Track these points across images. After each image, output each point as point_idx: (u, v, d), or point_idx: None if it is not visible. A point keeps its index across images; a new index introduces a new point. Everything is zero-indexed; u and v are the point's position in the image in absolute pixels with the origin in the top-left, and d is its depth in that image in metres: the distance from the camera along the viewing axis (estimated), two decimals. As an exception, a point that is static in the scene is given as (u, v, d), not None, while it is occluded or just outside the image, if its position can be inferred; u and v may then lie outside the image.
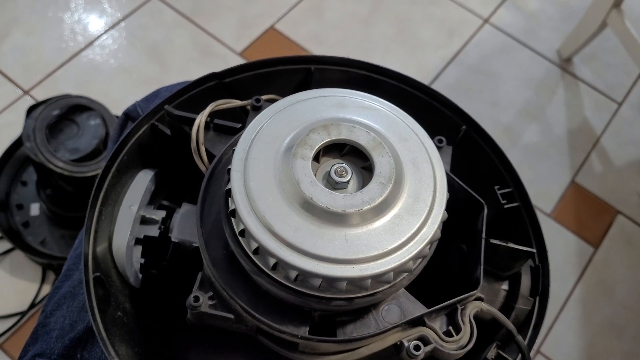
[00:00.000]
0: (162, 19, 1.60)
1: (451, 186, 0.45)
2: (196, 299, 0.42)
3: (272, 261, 0.39)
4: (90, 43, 1.55)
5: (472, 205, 0.48)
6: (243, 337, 0.45)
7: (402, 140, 0.43)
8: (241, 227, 0.39)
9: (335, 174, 0.40)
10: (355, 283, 0.39)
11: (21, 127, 1.15)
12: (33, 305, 1.24)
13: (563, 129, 1.54)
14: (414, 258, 0.39)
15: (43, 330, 0.56)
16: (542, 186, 1.46)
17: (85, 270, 0.45)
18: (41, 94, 1.45)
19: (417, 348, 0.41)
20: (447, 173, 0.46)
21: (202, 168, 0.48)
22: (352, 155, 0.42)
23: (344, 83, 0.56)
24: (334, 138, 0.41)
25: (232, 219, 0.41)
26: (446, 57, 1.62)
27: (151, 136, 0.52)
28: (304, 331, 0.42)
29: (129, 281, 0.49)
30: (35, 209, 1.30)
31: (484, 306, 0.44)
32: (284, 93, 0.50)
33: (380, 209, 0.39)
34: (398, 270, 0.39)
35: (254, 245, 0.39)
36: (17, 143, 1.31)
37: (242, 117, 0.52)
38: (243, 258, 0.41)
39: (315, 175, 0.40)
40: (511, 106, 1.56)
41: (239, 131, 0.50)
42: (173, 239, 0.48)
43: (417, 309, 0.43)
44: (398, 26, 1.66)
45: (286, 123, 0.42)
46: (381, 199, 0.39)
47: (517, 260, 0.48)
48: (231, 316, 0.42)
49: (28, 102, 1.42)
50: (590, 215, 1.43)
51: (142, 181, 0.50)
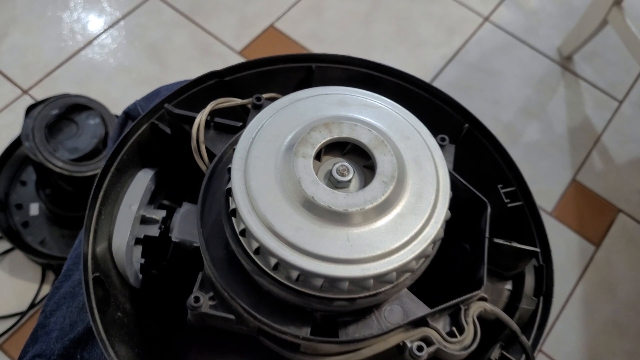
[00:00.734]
0: (162, 18, 1.59)
1: (454, 185, 0.44)
2: (197, 300, 0.41)
3: (273, 261, 0.38)
4: (89, 42, 1.55)
5: (476, 204, 0.47)
6: (244, 338, 0.44)
7: (405, 138, 0.42)
8: (242, 227, 0.39)
9: (337, 173, 0.40)
10: (357, 283, 0.38)
11: (20, 127, 1.14)
12: (33, 305, 1.24)
13: (564, 127, 1.53)
14: (417, 258, 0.39)
15: (43, 330, 0.55)
16: (543, 184, 1.45)
17: (84, 270, 0.44)
18: (40, 94, 1.45)
19: (420, 349, 0.41)
20: (450, 172, 0.46)
21: (203, 167, 0.48)
22: (354, 153, 0.42)
23: (345, 81, 0.56)
24: (336, 136, 0.41)
25: (233, 219, 0.41)
26: (446, 55, 1.61)
27: (151, 135, 0.51)
28: (306, 332, 0.41)
29: (129, 281, 0.49)
30: (34, 209, 1.30)
31: (488, 306, 0.44)
32: (285, 91, 0.49)
33: (382, 208, 0.39)
34: (401, 270, 0.38)
35: (255, 245, 0.38)
36: (16, 143, 1.30)
37: (243, 116, 0.51)
38: (244, 258, 0.40)
39: (316, 174, 0.39)
40: (512, 104, 1.55)
41: (240, 130, 0.49)
42: (173, 239, 0.47)
43: (420, 310, 0.43)
44: (398, 24, 1.66)
45: (287, 121, 0.42)
46: (383, 198, 0.38)
47: (521, 259, 0.47)
48: (232, 317, 0.41)
49: (27, 102, 1.42)
50: (591, 213, 1.43)
51: (142, 180, 0.50)
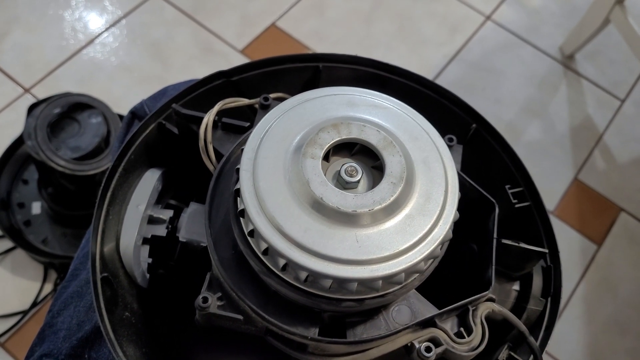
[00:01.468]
0: (163, 17, 1.59)
1: (462, 185, 0.44)
2: (205, 300, 0.41)
3: (282, 262, 0.38)
4: (91, 41, 1.54)
5: (483, 204, 0.47)
6: (250, 338, 0.44)
7: (413, 139, 0.42)
8: (250, 228, 0.39)
9: (345, 174, 0.40)
10: (366, 284, 0.38)
11: (22, 126, 1.14)
12: (35, 304, 1.24)
13: (566, 126, 1.53)
14: (426, 259, 0.39)
15: (50, 330, 0.55)
16: (545, 184, 1.45)
17: (92, 270, 0.44)
18: (42, 92, 1.44)
19: (429, 349, 0.41)
20: (458, 172, 0.46)
21: (210, 167, 0.48)
22: (362, 154, 0.41)
23: (352, 81, 0.55)
24: (344, 137, 0.40)
25: (241, 219, 0.41)
26: (448, 54, 1.61)
27: (158, 135, 0.51)
28: (314, 332, 0.41)
29: (137, 281, 0.49)
30: (36, 208, 1.30)
31: (496, 307, 0.44)
32: (292, 91, 0.49)
33: (391, 209, 0.38)
34: (409, 271, 0.38)
35: (264, 245, 0.38)
36: (18, 141, 1.30)
37: (250, 116, 0.51)
38: (252, 258, 0.40)
39: (325, 174, 0.39)
40: (513, 103, 1.55)
41: (247, 130, 0.49)
42: (181, 239, 0.47)
43: (428, 310, 0.43)
44: (400, 23, 1.65)
45: (295, 122, 0.42)
46: (392, 199, 0.38)
47: (529, 260, 0.47)
48: (240, 317, 0.41)
49: (29, 101, 1.42)
50: (593, 212, 1.43)
51: (150, 180, 0.50)
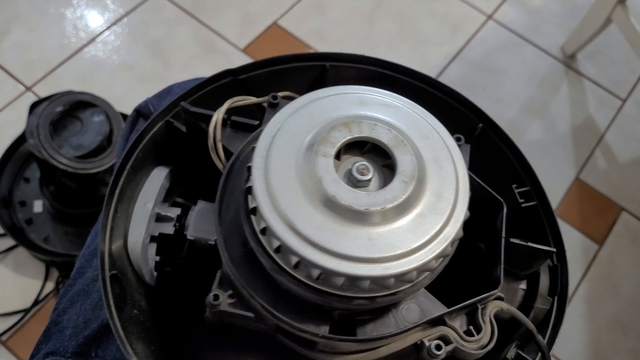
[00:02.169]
0: (165, 15, 1.59)
1: (470, 185, 0.45)
2: (216, 298, 0.41)
3: (294, 260, 0.38)
4: (92, 39, 1.54)
5: (491, 204, 0.47)
6: (259, 336, 0.44)
7: (424, 138, 0.42)
8: (262, 225, 0.39)
9: (357, 172, 0.40)
10: (378, 282, 0.38)
11: (23, 124, 1.14)
12: (36, 302, 1.24)
13: (567, 126, 1.53)
14: (437, 257, 0.39)
15: (56, 328, 0.55)
16: (546, 183, 1.43)
17: (101, 268, 0.44)
18: (43, 91, 1.44)
19: (439, 347, 0.41)
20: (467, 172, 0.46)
21: (219, 165, 0.48)
22: (373, 153, 0.42)
23: (359, 80, 0.55)
24: (356, 136, 0.41)
25: (252, 217, 0.40)
26: (449, 54, 1.61)
27: (166, 133, 0.51)
28: (325, 330, 0.41)
29: (145, 279, 0.49)
30: (38, 206, 1.30)
31: (505, 305, 0.44)
32: (299, 90, 0.49)
33: (403, 208, 0.39)
34: (421, 269, 0.39)
35: (276, 243, 0.38)
36: (20, 140, 1.30)
37: (257, 115, 0.51)
38: (263, 256, 0.40)
39: (336, 173, 0.39)
40: (515, 103, 1.55)
41: (257, 128, 0.49)
42: (189, 237, 0.47)
43: (438, 309, 0.43)
44: (401, 22, 1.66)
45: (307, 120, 0.42)
46: (404, 198, 0.38)
47: (537, 259, 0.47)
48: (251, 315, 0.41)
49: (30, 99, 1.41)
50: (594, 212, 1.43)
51: (157, 178, 0.50)
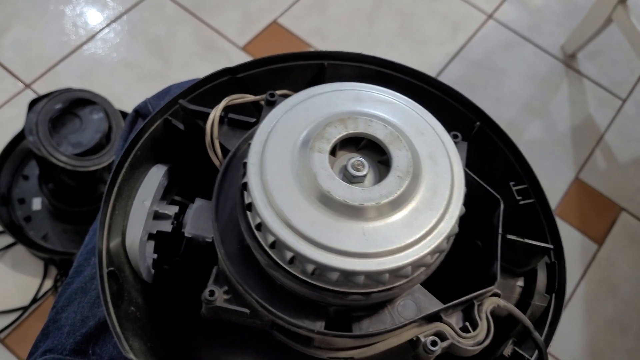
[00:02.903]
0: (165, 13, 1.59)
1: (467, 182, 0.45)
2: (211, 293, 0.41)
3: (289, 255, 0.38)
4: (92, 37, 1.54)
5: (488, 200, 0.47)
6: (255, 333, 0.44)
7: (419, 134, 0.42)
8: (258, 221, 0.39)
9: (352, 168, 0.40)
10: (373, 277, 0.38)
11: (22, 121, 1.14)
12: (35, 300, 1.24)
13: (567, 126, 1.53)
14: (432, 252, 0.39)
15: (54, 326, 0.55)
16: (546, 183, 1.43)
17: (99, 264, 0.44)
18: (42, 88, 1.44)
19: (435, 344, 0.41)
20: (463, 168, 0.46)
21: (217, 162, 0.48)
22: (369, 149, 0.42)
23: (357, 79, 0.55)
24: (351, 132, 0.41)
25: (248, 213, 0.41)
26: (450, 53, 1.61)
27: (164, 131, 0.51)
28: (320, 326, 0.41)
29: (142, 276, 0.49)
30: (37, 204, 1.30)
31: (501, 302, 0.44)
32: (297, 88, 0.49)
33: (398, 203, 0.39)
34: (416, 264, 0.39)
35: (271, 239, 0.38)
36: (19, 137, 1.30)
37: (254, 113, 0.51)
38: (259, 252, 0.40)
39: (331, 169, 0.39)
40: (515, 102, 1.55)
41: (253, 125, 0.49)
42: (186, 234, 0.47)
43: (433, 305, 0.43)
44: (401, 21, 1.66)
45: (303, 117, 0.42)
46: (399, 193, 0.38)
47: (534, 256, 0.47)
48: (246, 311, 0.41)
49: (29, 96, 1.42)
50: (594, 212, 1.43)
51: (155, 176, 0.50)
